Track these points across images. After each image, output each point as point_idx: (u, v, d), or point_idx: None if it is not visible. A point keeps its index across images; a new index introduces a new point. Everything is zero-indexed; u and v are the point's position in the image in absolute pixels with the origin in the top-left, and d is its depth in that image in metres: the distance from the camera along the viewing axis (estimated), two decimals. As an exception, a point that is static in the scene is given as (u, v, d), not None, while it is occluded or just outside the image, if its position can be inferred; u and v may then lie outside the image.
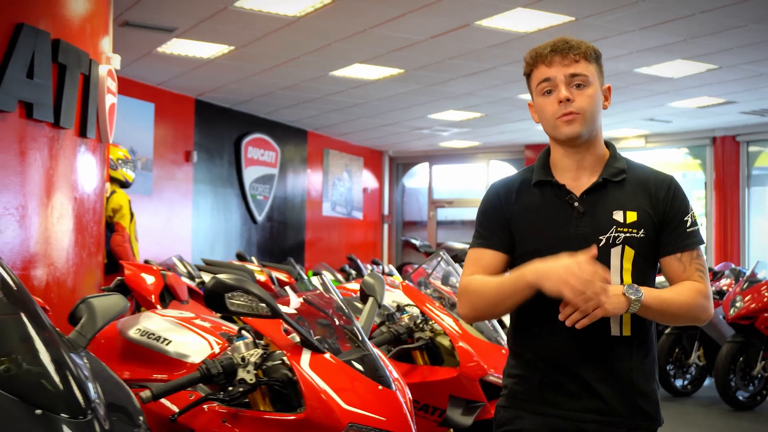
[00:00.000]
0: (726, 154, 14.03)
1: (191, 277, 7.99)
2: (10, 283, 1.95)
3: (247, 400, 2.44)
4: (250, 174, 13.13)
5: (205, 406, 2.45)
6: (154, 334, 2.60)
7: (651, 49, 8.80)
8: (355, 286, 5.05)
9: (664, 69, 9.72)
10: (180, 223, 11.76)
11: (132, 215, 6.92)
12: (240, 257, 8.94)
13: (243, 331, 2.61)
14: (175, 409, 2.51)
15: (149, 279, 4.71)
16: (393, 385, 2.48)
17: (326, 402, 2.33)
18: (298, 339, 2.51)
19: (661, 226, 2.22)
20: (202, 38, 8.68)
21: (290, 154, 14.38)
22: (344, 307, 2.64)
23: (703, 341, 8.20)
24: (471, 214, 17.57)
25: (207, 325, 2.77)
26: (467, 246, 15.34)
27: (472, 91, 11.16)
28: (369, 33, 8.35)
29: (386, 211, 17.80)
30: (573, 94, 2.18)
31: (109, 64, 5.83)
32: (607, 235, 2.18)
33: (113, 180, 6.88)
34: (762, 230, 14.10)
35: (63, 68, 4.98)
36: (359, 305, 3.25)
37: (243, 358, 2.38)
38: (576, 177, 2.25)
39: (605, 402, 2.17)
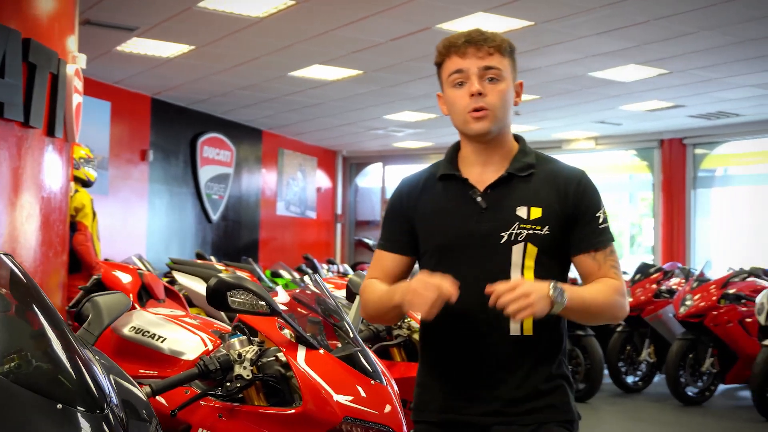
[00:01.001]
0: (673, 157, 14.39)
1: (152, 277, 7.97)
2: (23, 279, 1.99)
3: (241, 395, 2.52)
4: (205, 173, 13.11)
5: (201, 402, 2.52)
6: (148, 332, 2.66)
7: (605, 53, 9.02)
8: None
9: (617, 73, 9.97)
10: (135, 223, 11.70)
11: (94, 214, 6.89)
12: (199, 257, 8.95)
13: (237, 329, 2.68)
14: (167, 405, 2.57)
15: (127, 278, 4.73)
16: (384, 380, 2.58)
17: (322, 396, 2.42)
18: (290, 336, 2.59)
19: (570, 223, 2.15)
20: (163, 38, 8.68)
21: (245, 153, 14.38)
22: (335, 305, 2.72)
23: (653, 339, 8.44)
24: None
25: (198, 322, 2.83)
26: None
27: (428, 93, 11.29)
28: (331, 35, 8.43)
29: (339, 211, 17.87)
30: (485, 88, 2.12)
31: (75, 64, 5.82)
32: (509, 231, 2.11)
33: (76, 179, 6.84)
34: (706, 231, 14.50)
35: (33, 68, 4.97)
36: (342, 302, 3.34)
37: (239, 355, 2.45)
38: (482, 171, 2.19)
39: (505, 403, 2.12)
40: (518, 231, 2.11)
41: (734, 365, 7.83)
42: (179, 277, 5.85)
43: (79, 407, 1.78)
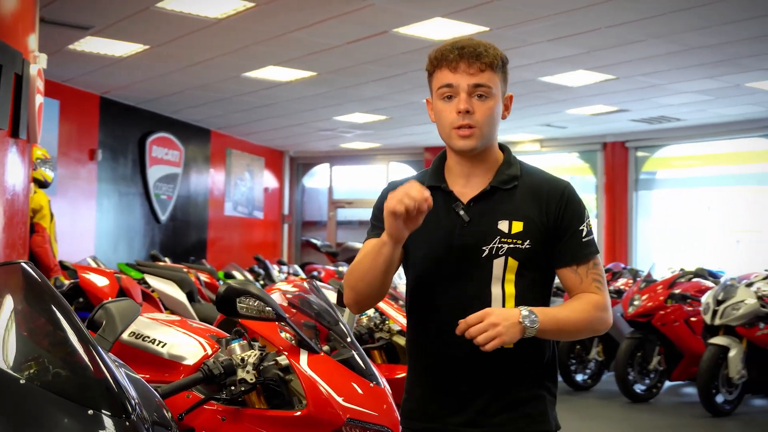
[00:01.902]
0: (615, 159, 14.74)
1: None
2: (41, 285, 2.02)
3: (242, 399, 2.57)
4: (154, 173, 12.99)
5: (203, 406, 2.56)
6: (148, 337, 2.69)
7: (556, 59, 9.23)
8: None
9: (566, 78, 10.20)
10: (84, 223, 11.55)
11: (52, 216, 6.83)
12: (154, 258, 8.89)
13: (237, 334, 2.73)
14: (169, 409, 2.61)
15: (104, 281, 4.72)
16: (381, 382, 2.66)
17: (326, 399, 2.49)
18: (290, 340, 2.66)
19: (552, 236, 2.15)
20: (118, 37, 8.61)
21: (193, 153, 14.29)
22: (333, 309, 2.80)
23: (601, 338, 8.66)
24: (370, 214, 17.84)
25: (195, 327, 2.87)
26: (368, 246, 15.57)
27: (381, 95, 11.39)
28: (288, 37, 8.46)
29: (286, 211, 17.86)
30: (473, 105, 2.12)
31: (37, 64, 5.77)
32: (490, 245, 2.12)
33: (33, 180, 6.77)
34: (647, 232, 14.90)
35: (-1, 68, 4.93)
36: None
37: (242, 359, 2.51)
38: (466, 184, 2.20)
39: (482, 413, 2.13)
40: (499, 245, 2.12)
41: (680, 363, 8.10)
42: (151, 280, 5.84)
43: (108, 412, 1.83)
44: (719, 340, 7.30)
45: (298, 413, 2.51)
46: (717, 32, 8.12)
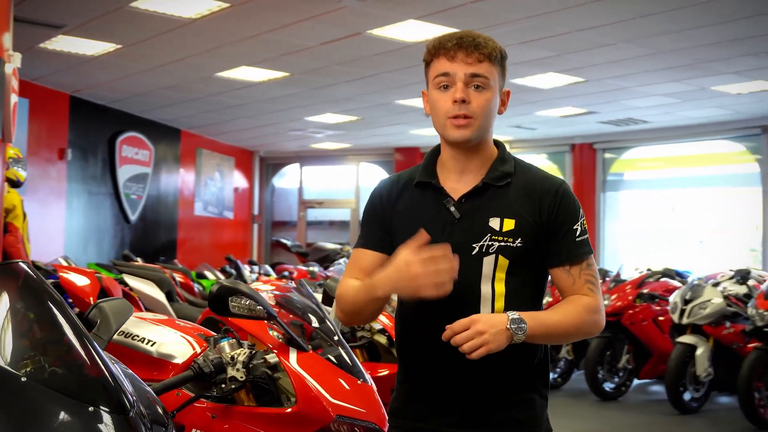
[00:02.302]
0: (584, 161, 14.92)
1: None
2: (39, 284, 2.04)
3: (231, 396, 2.61)
4: (124, 173, 12.93)
5: (194, 404, 2.60)
6: (137, 336, 2.72)
7: (527, 62, 9.33)
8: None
9: (537, 80, 10.31)
10: (53, 223, 11.47)
11: (24, 215, 6.80)
12: (127, 258, 8.86)
13: (225, 332, 2.77)
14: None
15: (84, 281, 4.71)
16: (368, 379, 2.71)
17: (315, 396, 2.54)
18: (279, 338, 2.70)
19: (545, 235, 2.11)
20: (90, 36, 8.57)
21: (164, 152, 14.24)
22: (320, 308, 2.84)
23: (572, 337, 8.77)
24: (340, 214, 17.89)
25: (183, 326, 2.90)
26: (338, 246, 15.57)
27: (353, 96, 11.44)
28: (262, 37, 8.48)
29: (256, 211, 17.84)
30: (470, 95, 2.08)
31: (11, 63, 5.75)
32: (480, 243, 2.08)
33: (6, 179, 6.74)
34: (615, 232, 15.09)
35: (-25, 67, 4.91)
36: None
37: (232, 357, 2.55)
38: (459, 179, 2.16)
39: (471, 414, 2.11)
40: (490, 243, 2.08)
41: (648, 361, 8.24)
42: (130, 280, 5.83)
43: (108, 409, 1.85)
44: (687, 338, 7.44)
45: (289, 410, 2.55)
46: (685, 36, 8.27)
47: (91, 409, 1.84)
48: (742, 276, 7.82)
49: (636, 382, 8.63)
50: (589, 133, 14.38)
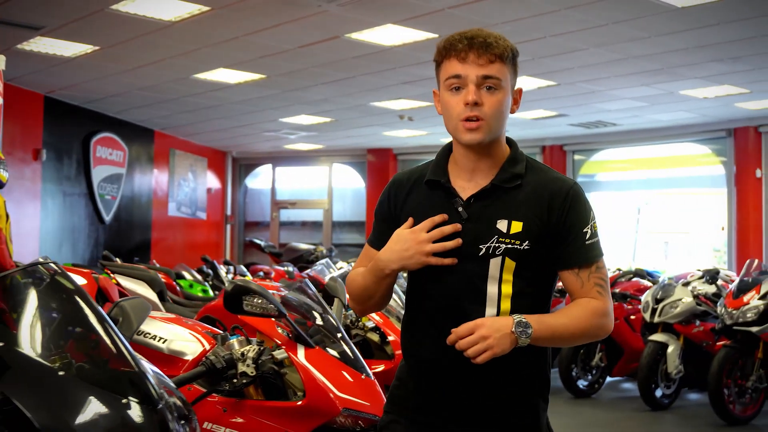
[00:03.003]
0: (554, 162, 15.14)
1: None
2: (69, 283, 2.15)
3: (240, 390, 2.72)
4: (98, 173, 12.93)
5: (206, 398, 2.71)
6: (149, 333, 2.81)
7: (501, 66, 9.49)
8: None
9: (510, 84, 10.47)
10: (28, 224, 11.45)
11: (7, 216, 6.80)
12: (107, 258, 8.89)
13: (234, 330, 2.88)
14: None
15: (82, 281, 4.77)
16: (371, 374, 2.84)
17: (323, 390, 2.66)
18: (288, 335, 2.82)
19: (554, 237, 2.10)
20: (68, 37, 8.59)
21: (137, 153, 14.25)
22: (322, 306, 2.96)
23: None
24: (313, 215, 17.98)
25: (191, 324, 3.00)
26: (312, 247, 15.64)
27: (328, 98, 11.55)
28: (241, 40, 8.56)
29: (229, 212, 17.88)
30: (482, 97, 2.07)
31: (-2, 66, 5.80)
32: (488, 244, 2.08)
33: (-13, 181, 6.74)
34: (585, 233, 15.31)
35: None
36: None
37: (242, 354, 2.66)
38: (470, 179, 2.15)
39: (470, 413, 2.12)
40: (496, 244, 2.08)
41: (620, 359, 8.44)
42: (122, 280, 5.89)
43: (139, 401, 1.97)
44: (658, 337, 7.63)
45: (299, 403, 2.67)
46: (654, 43, 8.49)
47: (124, 401, 1.96)
48: (712, 276, 8.03)
49: (608, 379, 8.82)
50: (560, 135, 14.61)
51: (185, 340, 2.81)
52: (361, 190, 17.27)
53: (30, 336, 2.02)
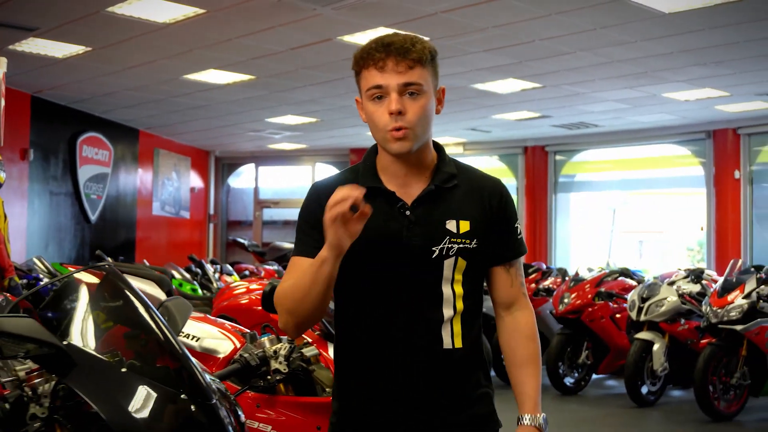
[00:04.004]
0: (536, 163, 15.35)
1: (53, 277, 7.99)
2: (131, 287, 2.26)
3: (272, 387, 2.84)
4: (84, 173, 12.95)
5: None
6: (182, 332, 2.91)
7: (489, 68, 9.66)
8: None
9: (496, 86, 10.65)
10: (15, 223, 11.42)
11: (5, 217, 6.87)
12: (99, 258, 8.94)
13: (265, 329, 2.99)
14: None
15: (95, 281, 4.82)
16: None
17: (352, 386, 2.77)
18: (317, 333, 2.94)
19: (492, 234, 2.14)
20: (62, 39, 8.63)
21: (122, 153, 14.27)
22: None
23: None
24: (296, 214, 17.95)
25: (220, 323, 3.11)
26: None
27: (316, 98, 11.64)
28: (234, 42, 8.64)
29: (212, 211, 17.91)
30: (405, 104, 2.03)
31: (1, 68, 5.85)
32: (440, 246, 2.08)
33: (-16, 181, 6.80)
34: (566, 232, 15.56)
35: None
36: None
37: (275, 351, 2.77)
38: (405, 183, 2.12)
39: (435, 416, 2.10)
40: (449, 245, 2.08)
41: (606, 357, 8.62)
42: (131, 280, 5.93)
43: (196, 397, 2.08)
44: (644, 335, 7.82)
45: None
46: (640, 47, 8.68)
47: (183, 396, 2.06)
48: (696, 275, 8.24)
49: (594, 376, 9.00)
50: (542, 135, 14.80)
51: (217, 338, 2.92)
52: (343, 189, 17.35)
53: (91, 334, 2.13)
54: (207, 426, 2.05)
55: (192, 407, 2.05)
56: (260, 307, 3.97)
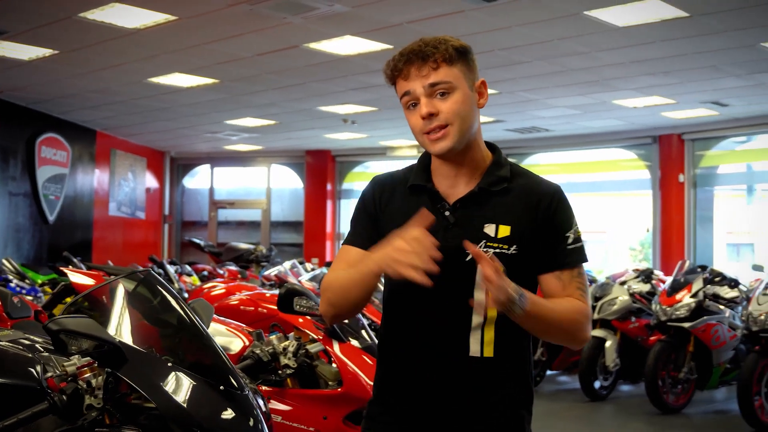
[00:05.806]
0: (488, 166, 15.69)
1: (22, 278, 8.10)
2: (170, 289, 2.48)
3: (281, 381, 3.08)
4: (42, 173, 12.96)
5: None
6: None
7: (448, 75, 9.95)
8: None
9: (454, 92, 10.95)
10: (-26, 224, 11.46)
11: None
12: (67, 260, 9.03)
13: (273, 327, 3.23)
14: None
15: (90, 282, 4.97)
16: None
17: (358, 379, 3.04)
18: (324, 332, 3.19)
19: (539, 241, 2.07)
20: (31, 42, 8.70)
21: (80, 153, 14.28)
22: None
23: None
24: (251, 215, 18.18)
25: (227, 321, 3.34)
26: (251, 246, 15.81)
27: (276, 102, 11.84)
28: (202, 48, 8.81)
29: (167, 211, 17.96)
30: (436, 105, 2.02)
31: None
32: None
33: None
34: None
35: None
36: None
37: (284, 348, 3.02)
38: (453, 184, 2.11)
39: (455, 425, 2.08)
40: (484, 249, 2.02)
41: (560, 354, 8.98)
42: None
43: (231, 388, 2.33)
44: (597, 332, 8.20)
45: (339, 390, 3.04)
46: (594, 57, 9.08)
47: (222, 387, 2.31)
48: (646, 275, 8.65)
49: (549, 372, 9.37)
50: (494, 139, 14.79)
51: (227, 336, 3.15)
52: (299, 190, 17.57)
53: (138, 333, 2.35)
54: (242, 413, 2.29)
55: (230, 397, 2.29)
56: (251, 308, 4.23)
